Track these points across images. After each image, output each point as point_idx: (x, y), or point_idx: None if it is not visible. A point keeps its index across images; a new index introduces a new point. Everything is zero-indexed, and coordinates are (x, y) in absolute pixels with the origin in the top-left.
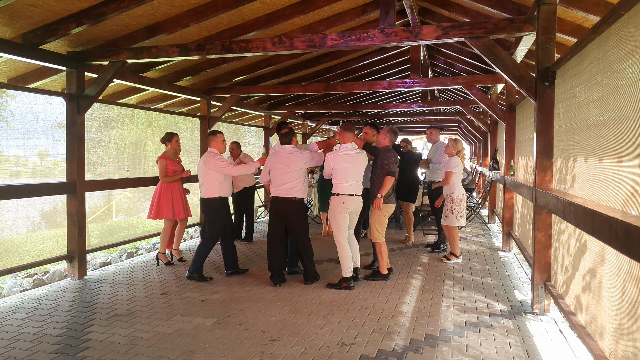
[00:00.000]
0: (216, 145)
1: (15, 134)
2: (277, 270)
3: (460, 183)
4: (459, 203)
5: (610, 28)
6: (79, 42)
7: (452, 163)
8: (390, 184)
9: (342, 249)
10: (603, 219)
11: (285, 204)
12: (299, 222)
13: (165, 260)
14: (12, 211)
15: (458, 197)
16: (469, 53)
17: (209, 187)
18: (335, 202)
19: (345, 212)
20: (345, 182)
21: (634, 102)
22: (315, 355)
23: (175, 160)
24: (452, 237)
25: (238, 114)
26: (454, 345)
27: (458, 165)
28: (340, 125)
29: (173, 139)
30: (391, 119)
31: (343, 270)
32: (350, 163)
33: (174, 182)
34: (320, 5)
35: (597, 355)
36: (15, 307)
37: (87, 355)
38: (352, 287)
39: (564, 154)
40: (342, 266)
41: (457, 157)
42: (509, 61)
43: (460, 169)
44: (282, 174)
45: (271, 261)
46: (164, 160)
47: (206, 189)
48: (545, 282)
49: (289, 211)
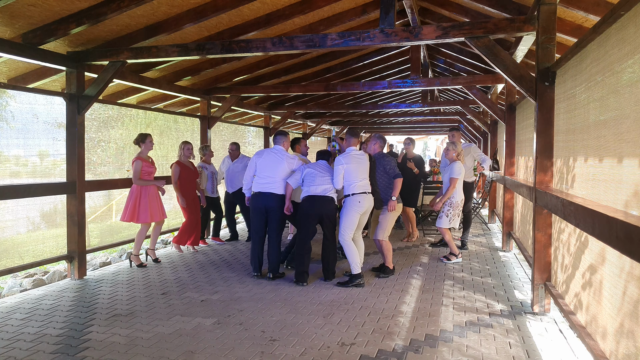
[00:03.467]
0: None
1: (15, 134)
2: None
3: (461, 188)
4: (456, 208)
5: (610, 28)
6: (79, 42)
7: (455, 168)
8: (400, 184)
9: (348, 247)
10: (603, 219)
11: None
12: (332, 220)
13: (137, 262)
14: (12, 211)
15: (457, 202)
16: (469, 53)
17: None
18: (351, 202)
19: (360, 211)
20: (358, 180)
21: (634, 102)
22: (315, 355)
23: (149, 162)
24: (448, 238)
25: (238, 114)
26: (454, 345)
27: (462, 170)
28: (347, 131)
29: (147, 140)
30: (391, 118)
31: (352, 268)
32: (359, 163)
33: (151, 185)
34: (320, 5)
35: (597, 356)
36: (15, 307)
37: (87, 355)
38: (363, 284)
39: (564, 154)
40: (351, 264)
41: (459, 162)
42: (509, 61)
43: (463, 173)
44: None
45: (305, 262)
46: (140, 161)
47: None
48: (545, 282)
49: (325, 210)
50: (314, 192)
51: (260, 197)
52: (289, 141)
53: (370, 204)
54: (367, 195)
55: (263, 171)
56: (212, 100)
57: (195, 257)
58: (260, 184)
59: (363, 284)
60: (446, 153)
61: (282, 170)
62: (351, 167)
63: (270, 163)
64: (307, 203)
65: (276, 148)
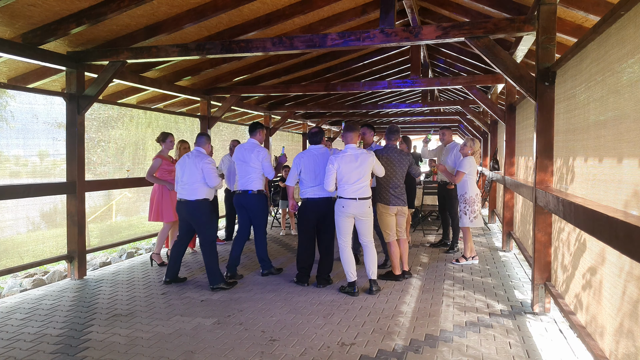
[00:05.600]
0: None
1: (15, 134)
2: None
3: (474, 183)
4: (472, 204)
5: (610, 28)
6: (79, 42)
7: (465, 163)
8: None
9: (342, 254)
10: (603, 219)
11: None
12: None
13: (159, 260)
14: (12, 211)
15: (471, 197)
16: (469, 53)
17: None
18: (337, 206)
19: (345, 215)
20: (350, 183)
21: (634, 102)
22: (315, 355)
23: (170, 161)
24: (465, 239)
25: (238, 113)
26: (454, 345)
27: (472, 166)
28: (344, 126)
29: (167, 139)
30: (391, 118)
31: (346, 276)
32: (354, 163)
33: (162, 184)
34: (320, 5)
35: (597, 355)
36: (15, 307)
37: (87, 355)
38: (356, 293)
39: (564, 154)
40: (345, 271)
41: (472, 157)
42: (509, 61)
43: (474, 169)
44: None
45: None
46: (160, 159)
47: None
48: (545, 282)
49: (327, 210)
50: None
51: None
52: (263, 132)
53: (361, 210)
54: (356, 202)
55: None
56: (212, 100)
57: (195, 257)
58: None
59: (355, 293)
60: (462, 148)
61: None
62: (342, 168)
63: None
64: (306, 204)
65: (248, 142)
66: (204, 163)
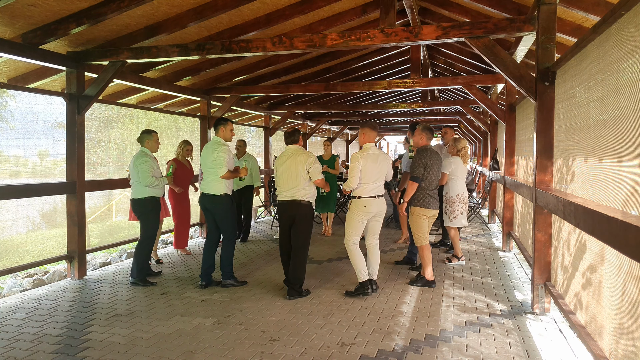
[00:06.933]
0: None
1: (15, 134)
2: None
3: (457, 183)
4: (452, 204)
5: (610, 28)
6: (79, 42)
7: (446, 164)
8: (412, 188)
9: (352, 255)
10: (603, 218)
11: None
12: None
13: (155, 257)
14: (12, 211)
15: (452, 197)
16: (469, 53)
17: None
18: (357, 206)
19: (366, 216)
20: (370, 182)
21: (634, 102)
22: (315, 355)
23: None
24: (452, 238)
25: (238, 113)
26: (454, 345)
27: (454, 166)
28: (364, 124)
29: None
30: (391, 118)
31: (357, 276)
32: (377, 162)
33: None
34: (320, 5)
35: (597, 355)
36: (15, 307)
37: (87, 355)
38: (369, 292)
39: (564, 154)
40: (356, 271)
41: (457, 157)
42: (509, 61)
43: (459, 169)
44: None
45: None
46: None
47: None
48: (545, 282)
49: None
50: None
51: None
52: (225, 127)
53: (381, 207)
54: (376, 200)
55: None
56: (212, 100)
57: (196, 257)
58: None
59: (369, 292)
60: (449, 149)
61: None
62: (368, 166)
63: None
64: (280, 207)
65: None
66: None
